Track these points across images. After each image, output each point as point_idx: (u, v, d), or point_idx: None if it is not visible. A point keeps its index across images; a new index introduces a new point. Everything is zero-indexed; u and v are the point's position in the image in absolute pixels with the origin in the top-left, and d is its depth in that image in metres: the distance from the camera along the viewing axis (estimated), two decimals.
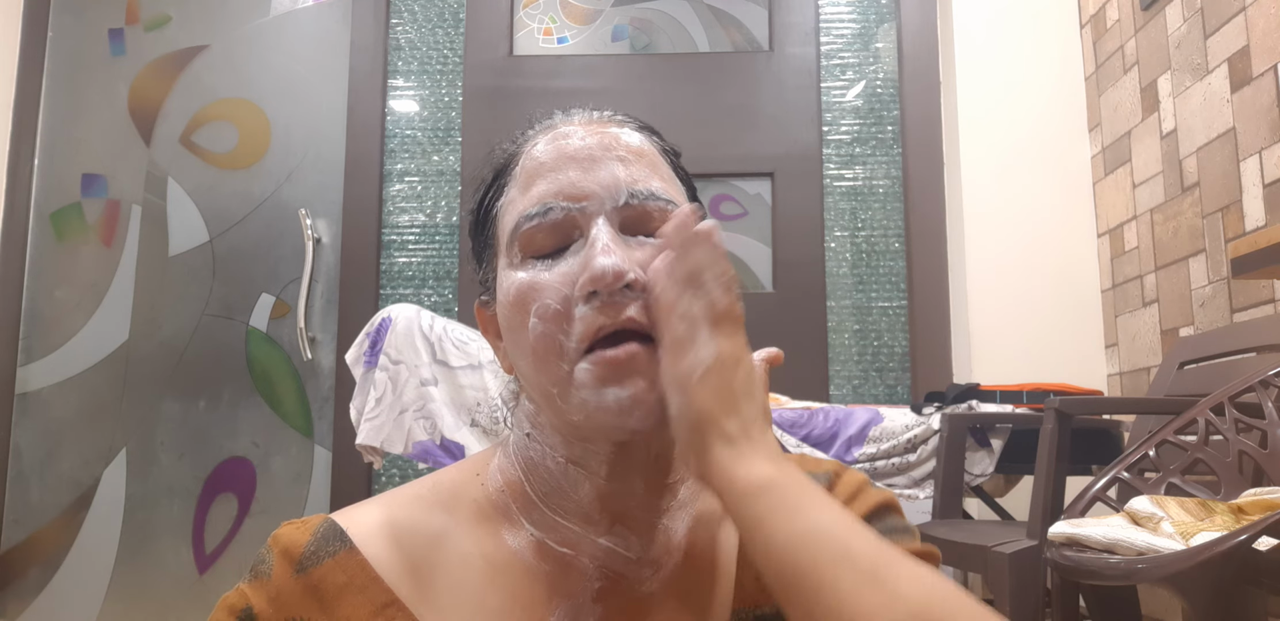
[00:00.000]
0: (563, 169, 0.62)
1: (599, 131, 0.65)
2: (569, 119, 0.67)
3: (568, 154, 0.63)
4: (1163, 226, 2.19)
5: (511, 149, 0.68)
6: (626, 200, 0.61)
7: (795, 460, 0.67)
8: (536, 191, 0.62)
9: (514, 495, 0.65)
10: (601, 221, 0.60)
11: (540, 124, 0.68)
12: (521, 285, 0.61)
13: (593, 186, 0.61)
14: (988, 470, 1.95)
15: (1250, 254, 1.39)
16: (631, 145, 0.64)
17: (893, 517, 0.67)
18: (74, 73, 2.92)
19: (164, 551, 2.70)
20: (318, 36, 2.91)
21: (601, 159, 0.63)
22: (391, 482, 2.70)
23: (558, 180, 0.62)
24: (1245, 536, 1.00)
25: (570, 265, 0.60)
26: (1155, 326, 2.22)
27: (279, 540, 0.63)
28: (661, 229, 0.60)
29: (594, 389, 0.58)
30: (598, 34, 2.90)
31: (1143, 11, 2.28)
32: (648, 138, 0.67)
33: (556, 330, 0.59)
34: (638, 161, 0.64)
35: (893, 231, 2.76)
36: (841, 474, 0.69)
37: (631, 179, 0.62)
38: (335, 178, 2.83)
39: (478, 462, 0.69)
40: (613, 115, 0.68)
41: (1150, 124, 2.25)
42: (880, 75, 2.85)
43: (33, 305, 2.81)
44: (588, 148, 0.63)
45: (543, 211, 0.61)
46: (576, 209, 0.61)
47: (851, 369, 2.70)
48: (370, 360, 2.03)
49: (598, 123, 0.66)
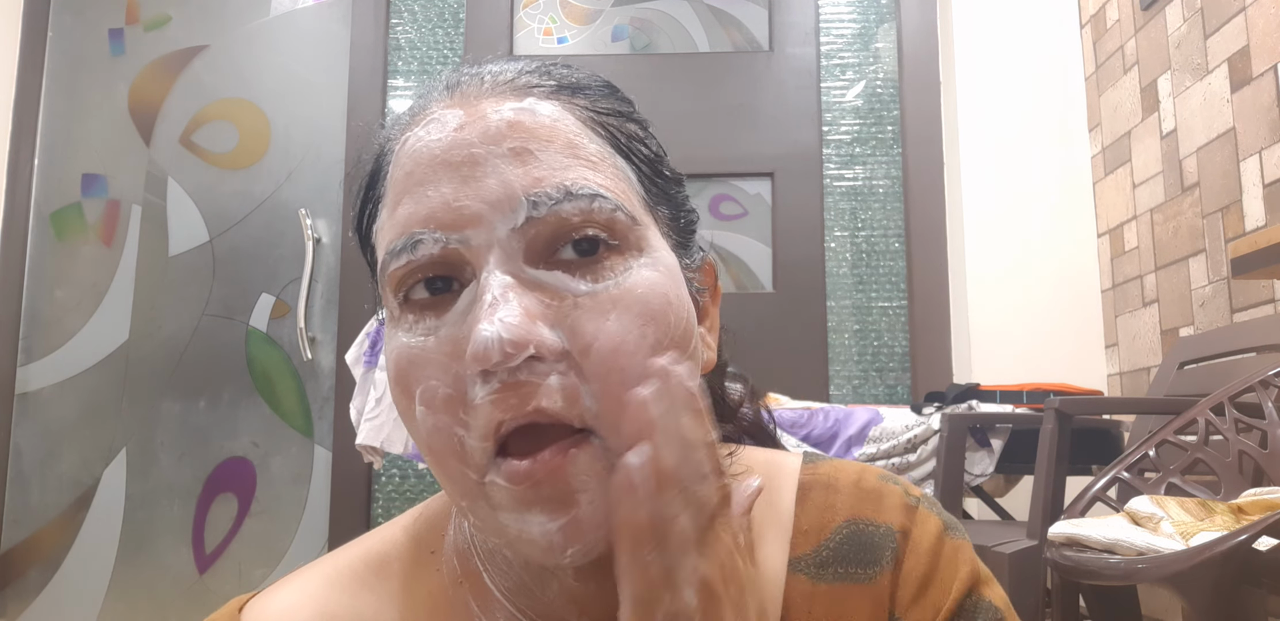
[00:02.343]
0: (433, 181, 0.44)
1: (484, 113, 0.45)
2: (444, 94, 0.48)
3: (438, 156, 0.44)
4: (1163, 226, 2.19)
5: (382, 142, 0.50)
6: (528, 215, 0.43)
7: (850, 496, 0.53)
8: (402, 215, 0.44)
9: (472, 589, 0.50)
10: (494, 259, 0.42)
11: (423, 96, 0.49)
12: (400, 357, 0.44)
13: (475, 204, 0.43)
14: (988, 470, 1.95)
15: (1250, 254, 1.39)
16: (531, 125, 0.45)
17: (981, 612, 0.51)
18: (74, 73, 2.92)
19: (164, 551, 2.70)
20: (318, 36, 2.91)
21: (485, 158, 0.44)
22: (391, 482, 2.70)
23: (426, 199, 0.44)
24: (1245, 536, 1.00)
25: (460, 326, 0.42)
26: (1155, 326, 2.22)
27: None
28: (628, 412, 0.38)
29: (515, 513, 0.42)
30: (598, 34, 2.90)
31: (1143, 11, 2.28)
32: (564, 104, 0.47)
33: (452, 422, 0.42)
34: (545, 148, 0.44)
35: (893, 231, 2.76)
36: (910, 530, 0.52)
37: (532, 179, 0.43)
38: (335, 178, 2.83)
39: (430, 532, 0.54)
40: (519, 75, 0.48)
41: (1150, 124, 2.25)
42: (880, 75, 2.85)
43: (33, 305, 2.81)
44: (465, 143, 0.44)
45: (410, 245, 0.43)
46: (457, 241, 0.43)
47: (851, 369, 2.70)
48: (370, 360, 2.03)
49: (488, 95, 0.46)
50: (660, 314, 0.43)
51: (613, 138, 0.48)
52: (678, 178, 0.52)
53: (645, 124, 0.52)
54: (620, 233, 0.44)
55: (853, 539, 0.52)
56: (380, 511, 2.69)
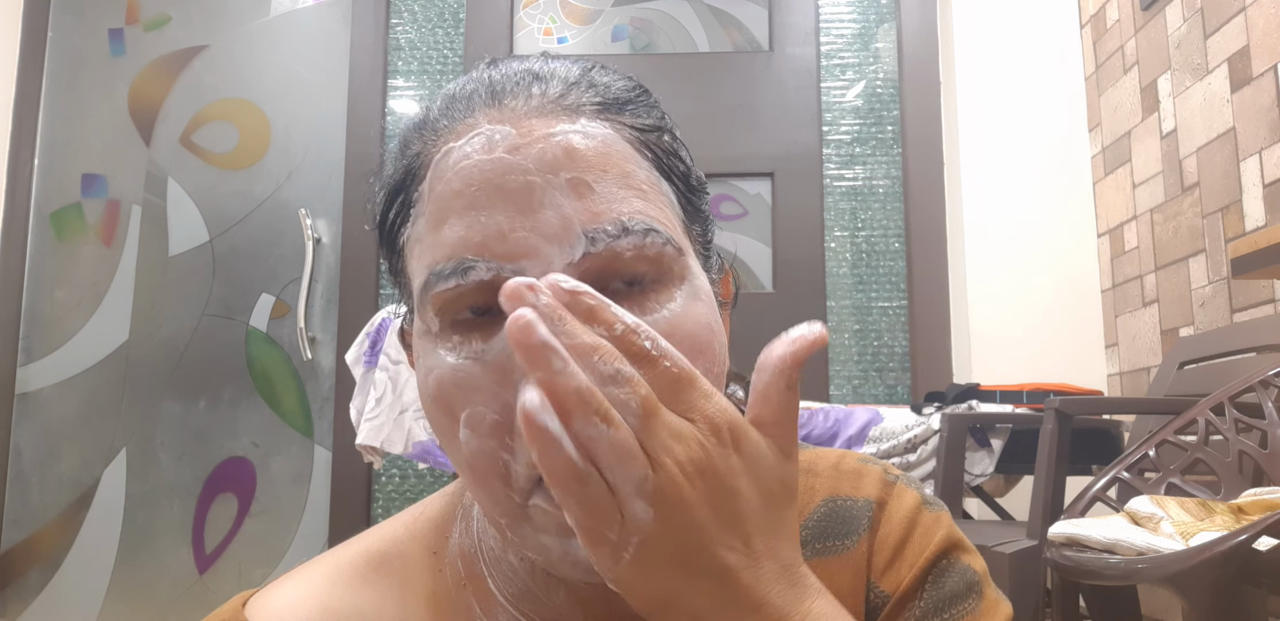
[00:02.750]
0: (486, 206, 0.43)
1: (538, 136, 0.44)
2: (495, 100, 0.46)
3: (491, 180, 0.43)
4: (1163, 226, 2.19)
5: (414, 150, 0.47)
6: (586, 250, 0.42)
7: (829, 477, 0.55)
8: (450, 236, 0.43)
9: (476, 593, 0.50)
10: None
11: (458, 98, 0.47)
12: (444, 378, 0.43)
13: (532, 237, 0.42)
14: (988, 470, 1.95)
15: (1250, 254, 1.39)
16: (587, 153, 0.44)
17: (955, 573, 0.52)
18: (74, 73, 2.92)
19: (164, 551, 2.70)
20: (318, 36, 2.91)
21: (543, 190, 0.43)
22: (391, 482, 2.70)
23: (479, 225, 0.42)
24: (1245, 536, 1.00)
25: (509, 353, 0.41)
26: (1155, 326, 2.22)
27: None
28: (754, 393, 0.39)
29: (559, 536, 0.41)
30: (598, 34, 2.90)
31: (1143, 11, 2.28)
32: (613, 124, 0.46)
33: (498, 447, 0.42)
34: (600, 179, 0.43)
35: (893, 231, 2.76)
36: (887, 501, 0.53)
37: (591, 214, 0.43)
38: (335, 178, 2.83)
39: (434, 532, 0.53)
40: (567, 90, 0.46)
41: (1150, 124, 2.25)
42: (880, 75, 2.85)
43: (33, 305, 2.81)
44: (521, 169, 0.43)
45: (459, 270, 0.42)
46: (511, 270, 0.42)
47: (851, 369, 2.70)
48: (370, 360, 2.03)
49: (534, 115, 0.45)
50: (706, 347, 0.44)
51: (657, 159, 0.47)
52: (704, 185, 0.51)
53: (675, 132, 0.51)
54: (666, 265, 0.44)
55: (831, 514, 0.53)
56: (380, 511, 2.69)
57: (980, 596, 0.52)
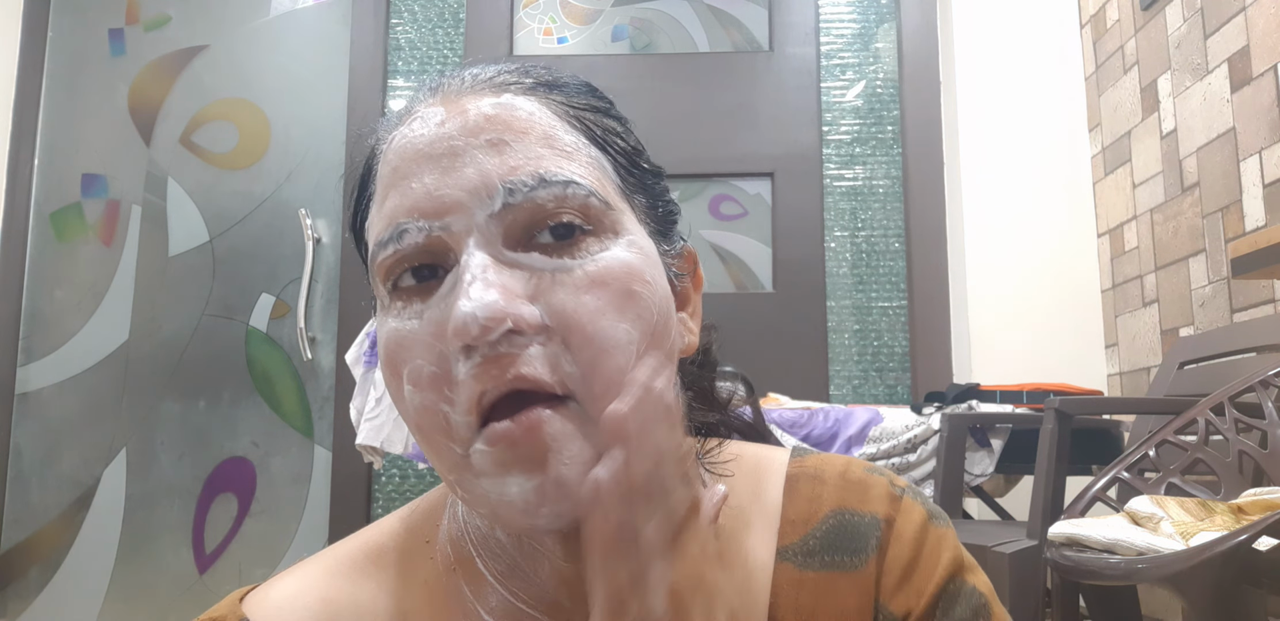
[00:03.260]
0: (417, 173, 0.46)
1: (464, 109, 0.47)
2: (434, 93, 0.49)
3: (421, 150, 0.46)
4: (1163, 226, 2.19)
5: (372, 143, 0.51)
6: (504, 201, 0.44)
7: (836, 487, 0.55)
8: (389, 207, 0.46)
9: (466, 575, 0.52)
10: (473, 242, 0.44)
11: (416, 95, 0.51)
12: (389, 340, 0.46)
13: (454, 193, 0.45)
14: (988, 470, 1.95)
15: (1250, 254, 1.39)
16: (512, 118, 0.47)
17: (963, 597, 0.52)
18: (74, 73, 2.92)
19: (164, 551, 2.70)
20: (318, 36, 2.91)
21: (464, 150, 0.46)
22: (391, 482, 2.70)
23: (410, 191, 0.45)
24: (1245, 536, 1.00)
25: (442, 308, 0.44)
26: (1155, 326, 2.22)
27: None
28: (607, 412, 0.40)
29: (495, 478, 0.43)
30: (598, 34, 2.90)
31: (1143, 11, 2.28)
32: (541, 99, 0.49)
33: (438, 399, 0.44)
34: (520, 139, 0.46)
35: (893, 231, 2.76)
36: (895, 519, 0.54)
37: (508, 168, 0.45)
38: (335, 178, 2.83)
39: (426, 522, 0.55)
40: (498, 74, 0.50)
41: (1150, 124, 2.25)
42: (880, 75, 2.85)
43: (33, 305, 2.81)
44: (446, 137, 0.46)
45: (396, 235, 0.45)
46: (439, 228, 0.45)
47: (851, 369, 2.70)
48: (370, 360, 2.03)
49: (465, 94, 0.48)
50: (636, 291, 0.45)
51: (588, 130, 0.50)
52: (657, 170, 0.53)
53: (624, 120, 0.53)
54: (595, 217, 0.46)
55: (839, 528, 0.54)
56: (380, 511, 2.69)
57: (990, 615, 0.53)
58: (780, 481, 0.56)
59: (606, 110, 0.52)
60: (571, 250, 0.45)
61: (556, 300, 0.44)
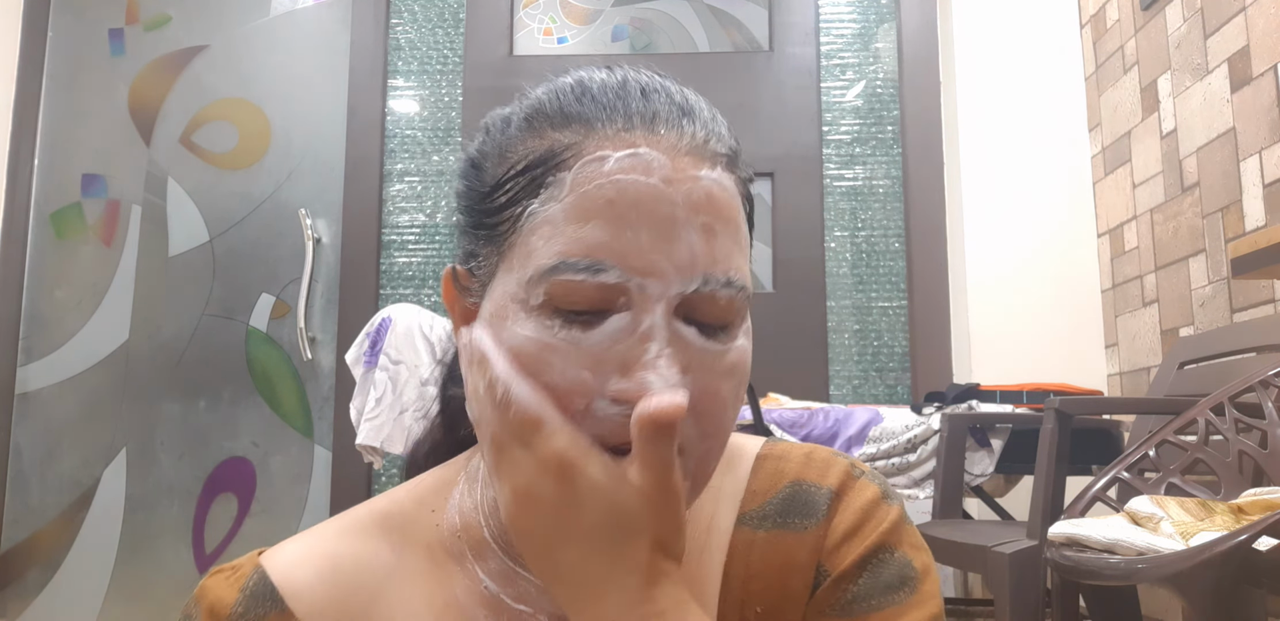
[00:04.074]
0: (632, 221, 0.49)
1: (686, 175, 0.50)
2: (651, 126, 0.51)
3: (643, 201, 0.49)
4: (1163, 226, 2.19)
5: (563, 139, 0.51)
6: (698, 288, 0.49)
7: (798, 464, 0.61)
8: (591, 236, 0.49)
9: (470, 540, 0.57)
10: (660, 309, 0.49)
11: (615, 105, 0.52)
12: (530, 347, 0.49)
13: (664, 263, 0.49)
14: (988, 470, 1.95)
15: (1250, 254, 1.39)
16: (720, 205, 0.51)
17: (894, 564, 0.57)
18: (74, 73, 2.92)
19: (164, 551, 2.70)
20: (318, 36, 2.91)
21: (685, 223, 0.49)
22: (391, 482, 2.70)
23: (623, 239, 0.48)
24: (1245, 536, 1.00)
25: (605, 347, 0.49)
26: (1155, 326, 2.22)
27: (206, 595, 0.57)
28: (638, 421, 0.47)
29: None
30: (598, 34, 2.90)
31: (1143, 11, 2.28)
32: (734, 178, 0.53)
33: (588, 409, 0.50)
34: (724, 229, 0.51)
35: (893, 231, 2.76)
36: (845, 492, 0.59)
37: (711, 259, 0.50)
38: (335, 178, 2.83)
39: (433, 493, 0.60)
40: (709, 138, 0.52)
41: (1150, 124, 2.25)
42: (880, 75, 2.85)
43: (33, 305, 2.81)
44: (671, 200, 0.49)
45: (593, 269, 0.48)
46: (637, 284, 0.49)
47: (851, 369, 2.70)
48: (370, 360, 2.03)
49: (688, 154, 0.51)
50: (747, 373, 0.53)
51: (748, 211, 0.55)
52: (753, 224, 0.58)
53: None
54: (740, 313, 0.53)
55: (794, 496, 0.60)
56: None
57: (913, 591, 0.56)
58: (750, 460, 0.62)
59: (752, 179, 0.57)
60: (718, 334, 0.51)
61: (703, 382, 0.50)
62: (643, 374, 0.48)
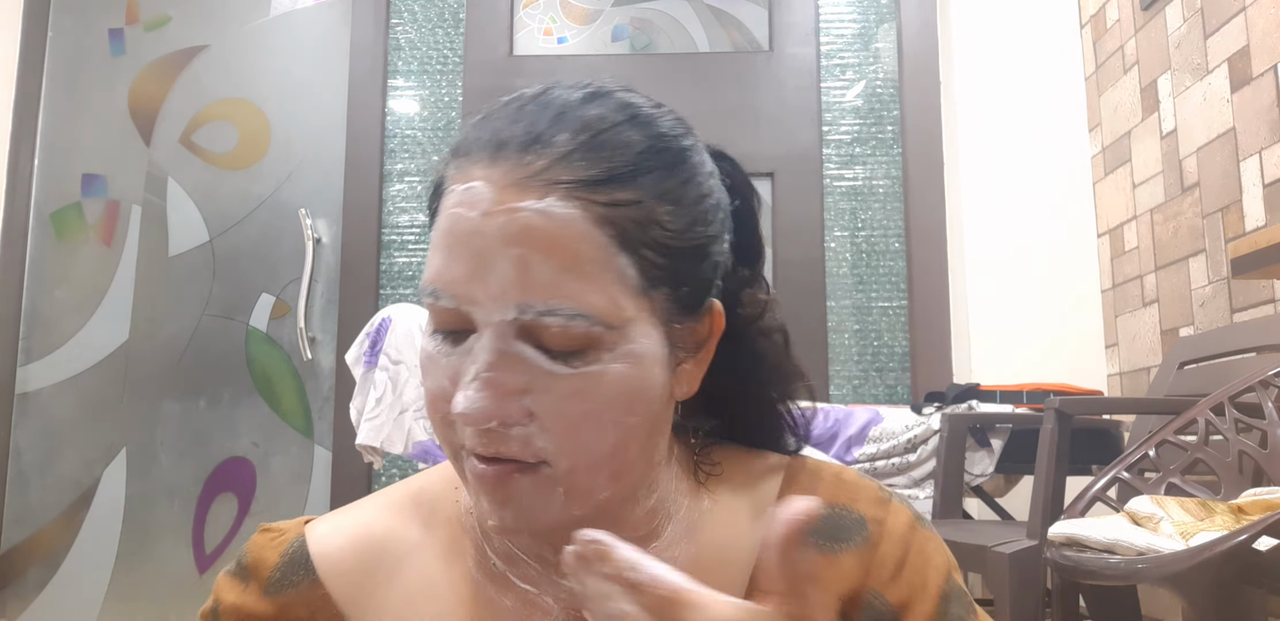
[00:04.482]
0: (455, 254, 0.52)
1: (502, 208, 0.51)
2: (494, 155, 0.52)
3: (465, 234, 0.51)
4: (1163, 226, 2.19)
5: (443, 169, 0.56)
6: (516, 316, 0.51)
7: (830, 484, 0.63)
8: (434, 265, 0.53)
9: (481, 515, 0.60)
10: (491, 334, 0.51)
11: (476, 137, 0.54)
12: (423, 356, 0.55)
13: (479, 293, 0.51)
14: (988, 470, 1.95)
15: (1250, 254, 1.39)
16: (538, 233, 0.50)
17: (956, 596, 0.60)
18: (74, 73, 2.92)
19: (164, 551, 2.70)
20: (318, 36, 2.91)
21: (497, 255, 0.50)
22: (391, 482, 2.69)
23: (449, 267, 0.52)
24: (1245, 536, 1.00)
25: (459, 362, 0.52)
26: (1155, 326, 2.22)
27: (253, 551, 0.62)
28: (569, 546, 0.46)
29: (478, 493, 0.54)
30: (598, 34, 2.90)
31: (1143, 11, 2.28)
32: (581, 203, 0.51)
33: (441, 422, 0.54)
34: (544, 261, 0.50)
35: (893, 231, 2.76)
36: (884, 519, 0.61)
37: (525, 286, 0.50)
38: (335, 178, 2.83)
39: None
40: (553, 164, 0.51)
41: (1150, 124, 2.25)
42: (880, 75, 2.85)
43: (33, 305, 2.81)
44: (485, 234, 0.51)
45: (435, 295, 0.53)
46: (465, 308, 0.52)
47: (851, 369, 2.70)
48: (370, 360, 2.03)
49: (512, 185, 0.51)
50: (619, 404, 0.52)
51: (622, 233, 0.52)
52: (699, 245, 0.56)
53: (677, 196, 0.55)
54: (594, 338, 0.51)
55: (828, 519, 0.61)
56: None
57: (975, 612, 0.62)
58: (779, 475, 0.64)
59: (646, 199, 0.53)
60: (568, 357, 0.51)
61: (545, 401, 0.51)
62: (460, 391, 0.51)
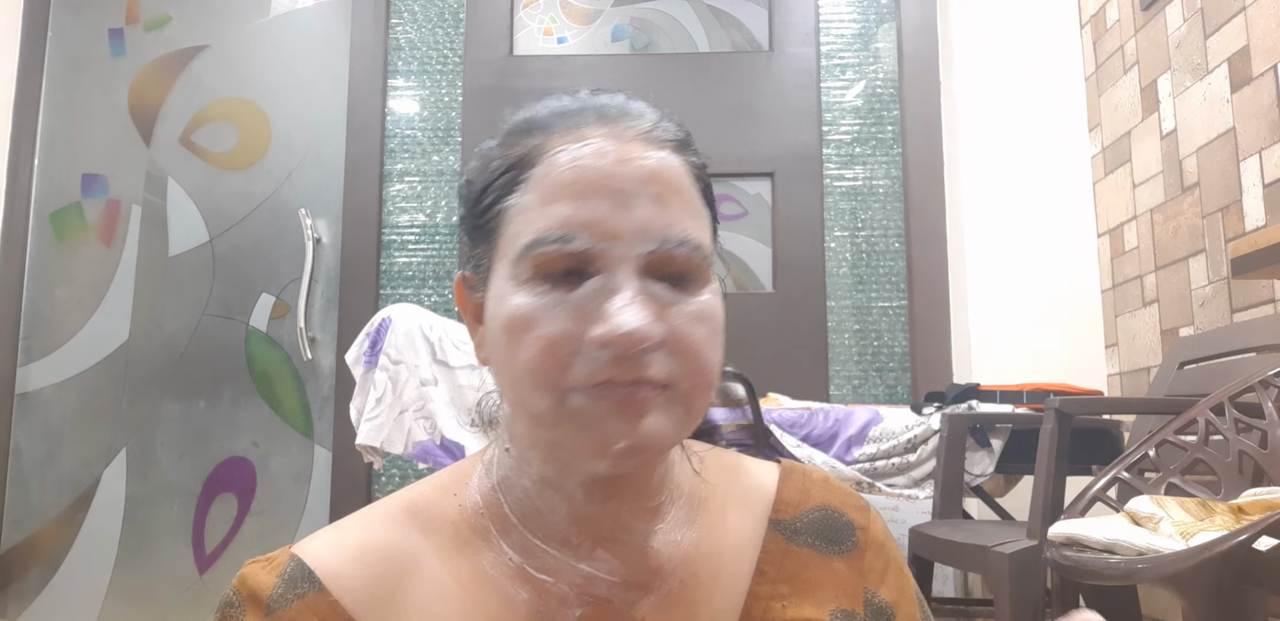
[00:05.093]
0: (590, 196, 0.57)
1: (634, 156, 0.58)
2: (602, 121, 0.60)
3: (598, 179, 0.57)
4: (1163, 226, 2.19)
5: (530, 143, 0.61)
6: (655, 247, 0.57)
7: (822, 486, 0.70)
8: (558, 213, 0.57)
9: (492, 517, 0.63)
10: (628, 268, 0.56)
11: (570, 111, 0.61)
12: (523, 310, 0.57)
13: (623, 227, 0.56)
14: (988, 470, 1.95)
15: (1250, 254, 1.39)
16: (667, 178, 0.59)
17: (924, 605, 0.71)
18: (74, 73, 2.92)
19: (164, 551, 2.70)
20: (318, 36, 2.91)
21: (635, 194, 0.57)
22: (391, 482, 2.70)
23: (584, 210, 0.57)
24: (1245, 536, 1.00)
25: (585, 302, 0.56)
26: (1155, 326, 2.22)
27: (245, 582, 0.61)
28: None
29: (593, 420, 0.56)
30: (598, 34, 2.90)
31: (1143, 11, 2.28)
32: (683, 161, 0.61)
33: (554, 366, 0.56)
34: (673, 199, 0.59)
35: (893, 231, 2.76)
36: (868, 527, 0.69)
37: (665, 223, 0.57)
38: (335, 178, 2.83)
39: (455, 480, 0.66)
40: (655, 127, 0.61)
41: (1150, 124, 2.25)
42: (880, 75, 2.85)
43: (33, 305, 2.81)
44: (620, 178, 0.57)
45: (563, 239, 0.56)
46: (600, 248, 0.56)
47: (851, 369, 2.70)
48: (370, 360, 2.03)
49: (633, 140, 0.59)
50: (719, 329, 0.60)
51: (703, 190, 0.63)
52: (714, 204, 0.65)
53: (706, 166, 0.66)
54: (700, 271, 0.59)
55: (823, 520, 0.68)
56: None
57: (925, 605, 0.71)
58: (770, 470, 0.70)
59: (706, 165, 0.65)
60: (685, 289, 0.58)
61: (676, 325, 0.57)
62: (618, 317, 0.54)
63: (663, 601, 0.62)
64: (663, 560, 0.62)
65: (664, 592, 0.62)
